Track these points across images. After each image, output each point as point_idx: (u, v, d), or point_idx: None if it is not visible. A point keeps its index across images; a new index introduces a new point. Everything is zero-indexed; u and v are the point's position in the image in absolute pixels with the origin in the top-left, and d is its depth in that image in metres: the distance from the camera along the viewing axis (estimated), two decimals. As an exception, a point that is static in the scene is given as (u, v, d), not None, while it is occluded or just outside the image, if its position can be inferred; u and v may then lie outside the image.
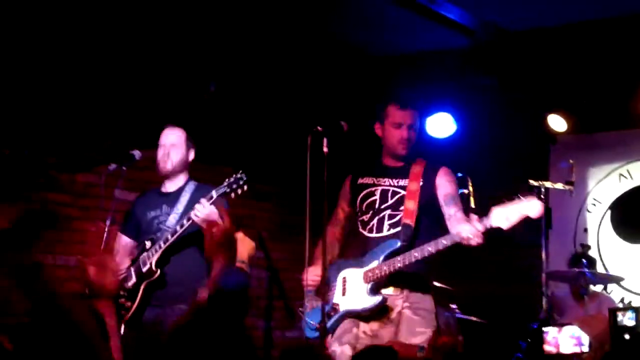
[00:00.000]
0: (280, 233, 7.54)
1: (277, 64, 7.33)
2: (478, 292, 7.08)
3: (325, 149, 4.68)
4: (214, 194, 4.95)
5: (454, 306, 6.60)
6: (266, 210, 7.68)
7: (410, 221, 4.70)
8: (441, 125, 7.85)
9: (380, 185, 4.87)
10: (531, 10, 6.74)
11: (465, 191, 6.12)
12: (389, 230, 4.76)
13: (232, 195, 4.94)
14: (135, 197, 5.63)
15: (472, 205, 6.04)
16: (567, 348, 5.60)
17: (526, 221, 4.68)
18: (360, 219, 4.89)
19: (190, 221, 4.98)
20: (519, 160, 7.80)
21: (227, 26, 6.72)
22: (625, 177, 7.95)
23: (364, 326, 4.70)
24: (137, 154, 5.43)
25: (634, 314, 5.41)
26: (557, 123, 7.75)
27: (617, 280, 7.21)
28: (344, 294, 4.77)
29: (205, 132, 5.88)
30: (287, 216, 7.54)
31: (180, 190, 5.35)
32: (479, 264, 7.33)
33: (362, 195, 4.92)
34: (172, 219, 5.24)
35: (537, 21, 6.96)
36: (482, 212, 4.98)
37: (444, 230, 4.65)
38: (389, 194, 4.82)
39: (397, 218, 4.76)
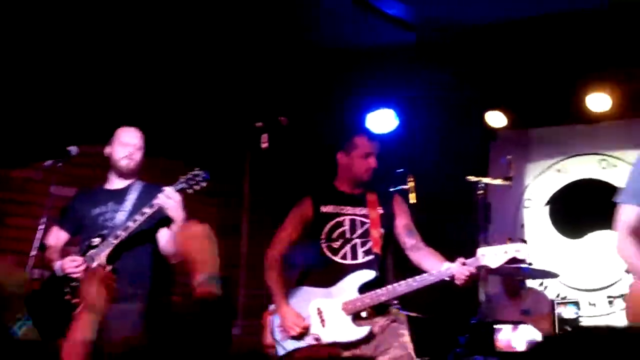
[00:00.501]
0: (218, 230, 7.49)
1: (219, 58, 7.28)
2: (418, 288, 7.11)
3: (264, 145, 4.66)
4: (171, 188, 4.91)
5: (395, 302, 6.63)
6: (209, 205, 7.63)
7: (378, 250, 4.83)
8: (383, 121, 7.89)
9: (345, 214, 4.95)
10: (472, 6, 6.78)
11: (406, 187, 6.16)
12: (363, 257, 4.83)
13: (190, 191, 4.90)
14: (74, 193, 5.55)
15: (413, 201, 6.08)
16: (521, 346, 5.70)
17: (464, 216, 4.78)
18: (327, 244, 4.90)
19: (145, 215, 4.92)
20: (460, 156, 7.86)
21: (170, 20, 6.65)
22: (561, 172, 8.06)
23: (346, 351, 4.74)
24: (73, 149, 5.36)
25: (574, 307, 5.50)
26: (496, 119, 7.83)
27: (553, 275, 7.30)
28: (323, 325, 4.78)
29: (145, 127, 5.83)
30: (226, 212, 7.50)
31: (127, 189, 5.29)
32: (411, 268, 7.37)
33: (330, 225, 4.94)
34: (121, 216, 5.16)
35: (478, 18, 7.00)
36: (420, 207, 5.04)
37: (401, 259, 4.83)
38: (357, 224, 4.91)
39: (368, 246, 4.85)
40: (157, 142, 6.63)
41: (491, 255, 4.56)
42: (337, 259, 4.84)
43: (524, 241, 7.54)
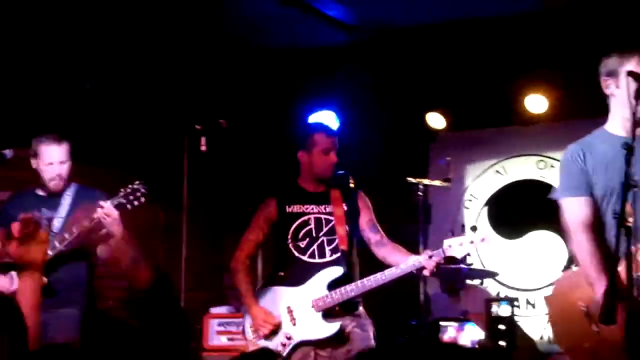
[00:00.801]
0: (158, 232, 7.42)
1: (156, 59, 7.20)
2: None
3: (203, 148, 4.63)
4: (109, 204, 4.80)
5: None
6: (147, 209, 7.54)
7: (344, 247, 4.89)
8: (323, 122, 7.87)
9: (310, 213, 4.99)
10: (411, 8, 6.81)
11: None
12: (331, 255, 4.88)
13: (129, 207, 4.81)
14: (8, 196, 5.44)
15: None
16: (466, 342, 5.76)
17: (404, 216, 4.84)
18: (294, 244, 4.94)
19: (77, 232, 4.81)
20: (400, 158, 7.89)
21: (102, 20, 6.57)
22: (501, 173, 8.14)
23: (319, 350, 4.80)
24: (8, 153, 5.24)
25: (508, 305, 5.57)
26: (436, 121, 7.88)
27: (492, 275, 7.38)
28: (294, 323, 4.81)
29: (80, 131, 5.74)
30: (165, 215, 7.43)
31: (61, 193, 5.18)
32: (377, 264, 7.39)
33: (296, 224, 4.97)
34: (56, 223, 5.06)
35: (417, 19, 7.04)
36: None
37: (367, 255, 4.92)
38: (323, 222, 4.95)
39: (335, 244, 4.90)
40: (91, 147, 6.56)
41: (456, 246, 4.67)
42: (305, 258, 4.90)
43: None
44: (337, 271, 4.79)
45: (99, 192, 5.03)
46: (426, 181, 6.20)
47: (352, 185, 5.75)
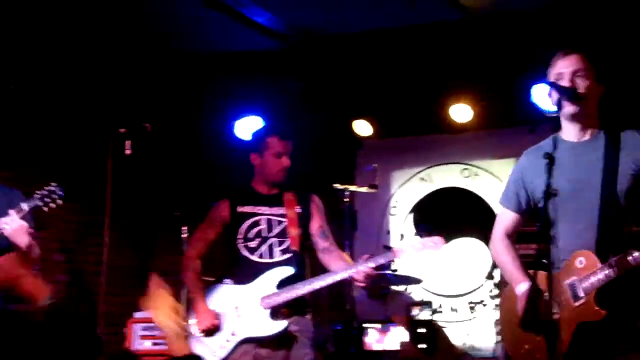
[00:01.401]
0: (83, 235, 7.33)
1: (82, 62, 7.11)
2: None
3: (127, 151, 4.57)
4: (25, 206, 4.69)
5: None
6: (70, 212, 7.44)
7: (296, 248, 4.88)
8: (250, 127, 7.87)
9: (262, 214, 4.98)
10: (340, 16, 6.85)
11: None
12: (281, 255, 4.87)
13: (46, 209, 4.71)
14: None
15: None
16: (391, 345, 5.79)
17: (331, 223, 4.86)
18: (245, 244, 4.93)
19: None
20: (327, 164, 7.92)
21: (27, 22, 6.46)
22: (426, 180, 8.23)
23: (259, 349, 4.76)
24: None
25: (428, 309, 5.64)
26: (362, 128, 7.93)
27: (416, 281, 7.44)
28: (240, 320, 4.79)
29: (5, 133, 5.63)
30: (91, 218, 7.34)
31: None
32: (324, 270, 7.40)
33: (247, 224, 4.96)
34: None
35: (346, 27, 7.08)
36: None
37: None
38: (274, 223, 4.95)
39: (286, 245, 4.89)
40: (14, 149, 6.46)
41: (408, 249, 4.64)
42: (254, 257, 4.88)
43: (390, 248, 7.67)
44: (287, 270, 4.78)
45: (16, 192, 4.90)
46: (352, 187, 6.25)
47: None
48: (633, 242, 3.50)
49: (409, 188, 8.28)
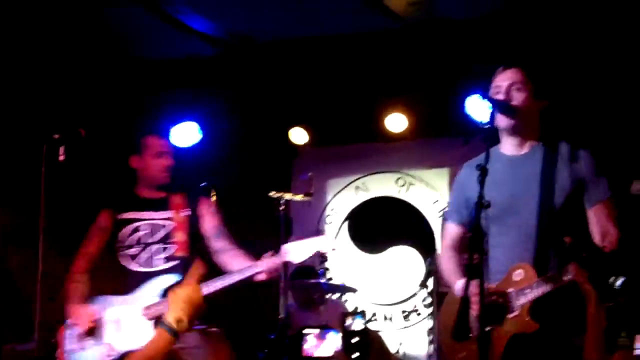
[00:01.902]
0: (16, 240, 7.21)
1: (14, 66, 6.99)
2: (218, 302, 7.09)
3: (61, 157, 4.48)
4: None
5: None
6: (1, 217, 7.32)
7: (184, 253, 4.69)
8: (186, 134, 7.84)
9: (144, 220, 4.77)
10: (276, 23, 6.85)
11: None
12: (165, 263, 4.67)
13: None
14: None
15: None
16: (326, 352, 5.79)
17: (266, 230, 4.80)
18: (125, 253, 4.72)
19: None
20: (263, 172, 7.91)
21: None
22: (361, 189, 8.28)
23: None
24: None
25: (361, 319, 5.66)
26: (298, 136, 7.95)
27: (351, 290, 7.48)
28: (121, 333, 4.56)
29: None
30: (21, 226, 7.22)
31: None
32: (219, 273, 7.37)
33: (127, 231, 4.76)
34: None
35: (282, 35, 7.09)
36: (223, 221, 5.00)
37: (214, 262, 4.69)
38: (156, 229, 4.74)
39: (171, 251, 4.70)
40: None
41: (296, 251, 4.48)
42: (134, 266, 4.69)
43: (325, 256, 7.70)
44: (170, 279, 4.55)
45: None
46: (288, 195, 6.24)
47: (213, 198, 5.71)
48: (570, 255, 3.57)
49: (345, 196, 8.32)
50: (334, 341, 5.90)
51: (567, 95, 6.49)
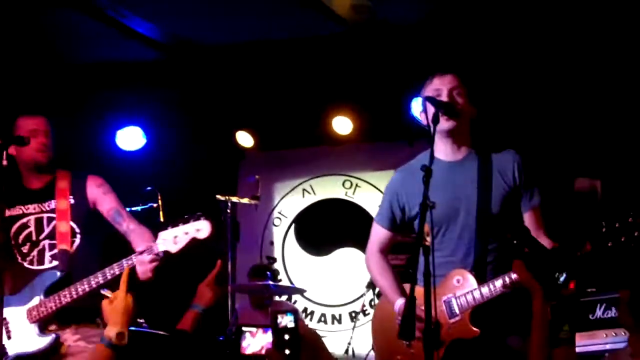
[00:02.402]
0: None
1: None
2: (168, 306, 7.05)
3: (4, 162, 4.35)
4: None
5: (141, 320, 6.52)
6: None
7: (66, 246, 4.37)
8: (131, 138, 7.80)
9: (30, 213, 4.48)
10: (222, 27, 6.85)
11: (155, 205, 6.11)
12: (51, 261, 4.39)
13: None
14: None
15: (161, 219, 6.03)
16: (257, 349, 5.82)
17: (212, 235, 4.73)
18: (17, 250, 4.44)
19: None
20: (209, 175, 7.89)
21: None
22: (308, 192, 8.30)
23: None
24: None
25: (292, 317, 5.71)
26: (244, 139, 7.94)
27: (299, 291, 7.50)
28: (9, 336, 4.28)
29: None
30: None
31: None
32: (166, 278, 7.32)
33: (15, 228, 4.47)
34: None
35: (227, 38, 7.08)
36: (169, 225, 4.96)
37: (109, 249, 4.44)
38: (44, 222, 4.46)
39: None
40: None
41: (170, 240, 4.08)
42: (26, 264, 4.41)
43: (274, 259, 7.71)
44: (51, 276, 4.27)
45: None
46: (235, 199, 6.25)
47: (159, 203, 5.65)
48: (512, 252, 3.62)
49: (292, 199, 8.34)
50: (265, 339, 5.93)
51: (498, 102, 6.61)
